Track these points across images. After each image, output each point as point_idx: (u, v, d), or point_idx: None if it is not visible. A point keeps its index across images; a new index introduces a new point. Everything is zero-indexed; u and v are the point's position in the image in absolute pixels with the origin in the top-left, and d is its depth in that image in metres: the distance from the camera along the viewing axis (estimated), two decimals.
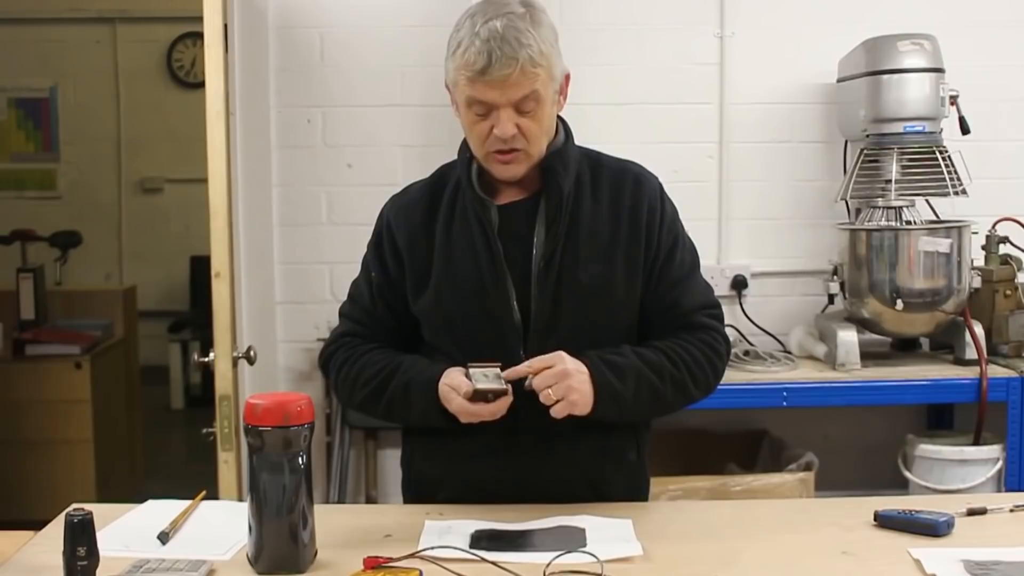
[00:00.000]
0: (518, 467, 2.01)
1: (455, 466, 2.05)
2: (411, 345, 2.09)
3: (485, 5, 1.94)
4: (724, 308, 2.16)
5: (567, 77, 2.02)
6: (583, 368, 1.90)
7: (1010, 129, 3.84)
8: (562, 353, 1.91)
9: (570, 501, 1.99)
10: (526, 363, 1.90)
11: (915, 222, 3.47)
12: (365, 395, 2.04)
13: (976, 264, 3.52)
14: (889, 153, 3.43)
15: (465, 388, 1.87)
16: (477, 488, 2.02)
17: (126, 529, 1.92)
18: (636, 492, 2.13)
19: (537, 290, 1.98)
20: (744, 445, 3.74)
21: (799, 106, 3.83)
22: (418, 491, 2.14)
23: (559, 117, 2.05)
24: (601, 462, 2.05)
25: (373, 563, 1.69)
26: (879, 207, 3.49)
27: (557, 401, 1.87)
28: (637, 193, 2.04)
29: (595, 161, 2.09)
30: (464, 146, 2.06)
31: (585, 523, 1.88)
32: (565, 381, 1.87)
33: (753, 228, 3.86)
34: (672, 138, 3.79)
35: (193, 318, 7.22)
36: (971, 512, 1.96)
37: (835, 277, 3.54)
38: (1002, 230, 3.59)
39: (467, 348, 1.98)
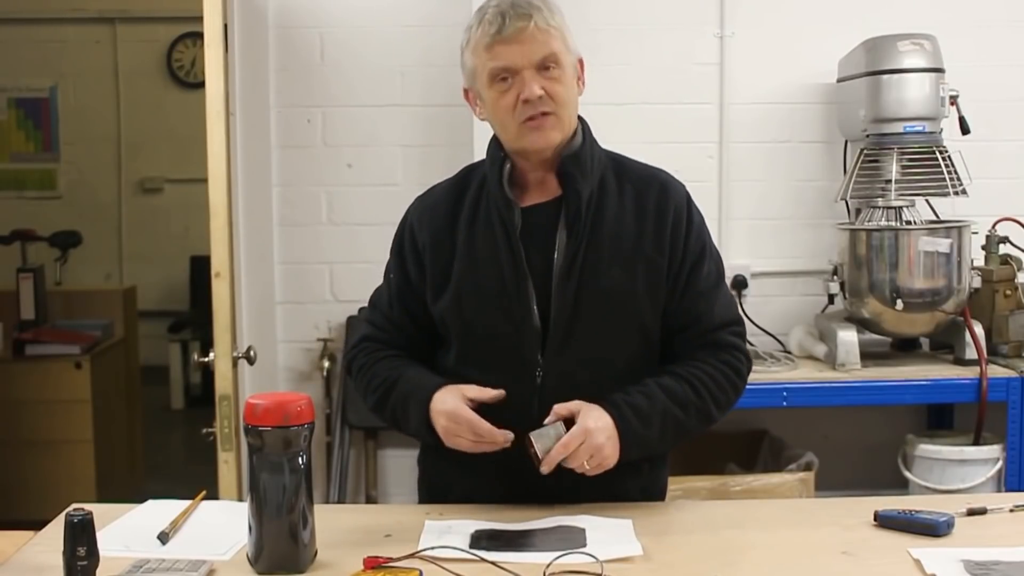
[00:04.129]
0: (530, 467, 1.99)
1: (468, 465, 2.01)
2: (432, 345, 2.08)
3: None
4: None
5: (581, 63, 2.02)
6: (608, 423, 1.89)
7: (1010, 129, 3.83)
8: (584, 406, 1.90)
9: (582, 503, 1.98)
10: (553, 412, 1.89)
11: (915, 222, 3.47)
12: (374, 402, 2.07)
13: (976, 264, 3.52)
14: (889, 153, 3.43)
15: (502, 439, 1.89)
16: (490, 487, 2.01)
17: (126, 529, 1.92)
18: (651, 498, 2.10)
19: (557, 295, 1.96)
20: (744, 445, 3.74)
21: (799, 106, 3.82)
22: (432, 488, 2.15)
23: (579, 118, 2.04)
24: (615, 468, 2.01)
25: (373, 563, 1.69)
26: (879, 207, 3.49)
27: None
28: (663, 200, 2.03)
29: (620, 166, 2.07)
30: (493, 146, 2.03)
31: (585, 523, 1.88)
32: (599, 455, 1.87)
33: (753, 228, 3.86)
34: (672, 138, 3.78)
35: (193, 318, 7.22)
36: (971, 512, 1.96)
37: (835, 277, 3.53)
38: (1002, 230, 3.59)
39: (485, 350, 1.99)
